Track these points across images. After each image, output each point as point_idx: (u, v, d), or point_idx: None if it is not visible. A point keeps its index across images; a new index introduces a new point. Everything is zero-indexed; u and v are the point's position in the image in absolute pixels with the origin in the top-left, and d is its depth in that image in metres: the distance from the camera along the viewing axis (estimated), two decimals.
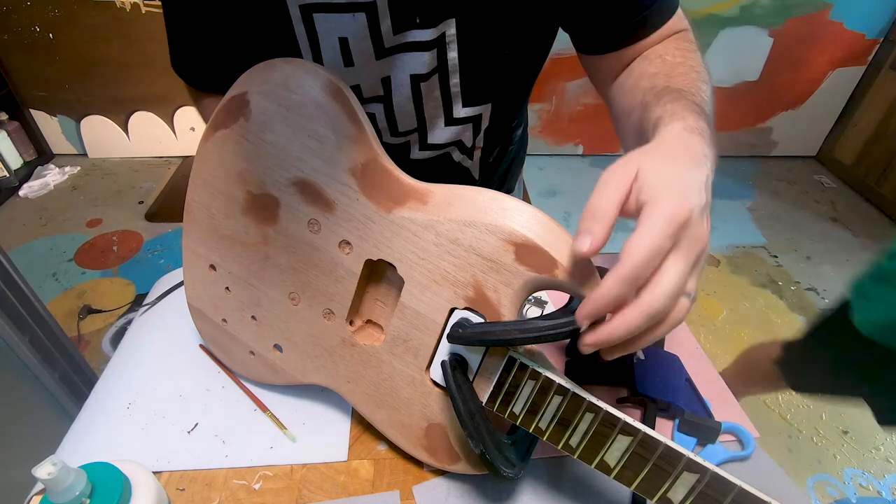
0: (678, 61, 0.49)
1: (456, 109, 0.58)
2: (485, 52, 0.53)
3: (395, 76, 0.53)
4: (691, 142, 0.36)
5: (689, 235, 0.32)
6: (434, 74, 0.54)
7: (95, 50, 2.22)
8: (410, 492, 0.47)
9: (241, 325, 0.53)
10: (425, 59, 0.52)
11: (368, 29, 0.48)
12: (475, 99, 0.58)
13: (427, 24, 0.49)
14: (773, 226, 2.19)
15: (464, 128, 0.60)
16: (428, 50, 0.51)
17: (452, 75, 0.54)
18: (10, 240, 1.98)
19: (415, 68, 0.52)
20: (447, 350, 0.42)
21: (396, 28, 0.49)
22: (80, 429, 0.53)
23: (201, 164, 0.50)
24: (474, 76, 0.55)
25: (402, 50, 0.51)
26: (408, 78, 0.53)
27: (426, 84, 0.54)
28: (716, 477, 0.35)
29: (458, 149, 0.63)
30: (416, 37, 0.50)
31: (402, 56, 0.51)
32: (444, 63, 0.53)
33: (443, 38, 0.51)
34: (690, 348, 0.62)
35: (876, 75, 2.37)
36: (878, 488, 1.25)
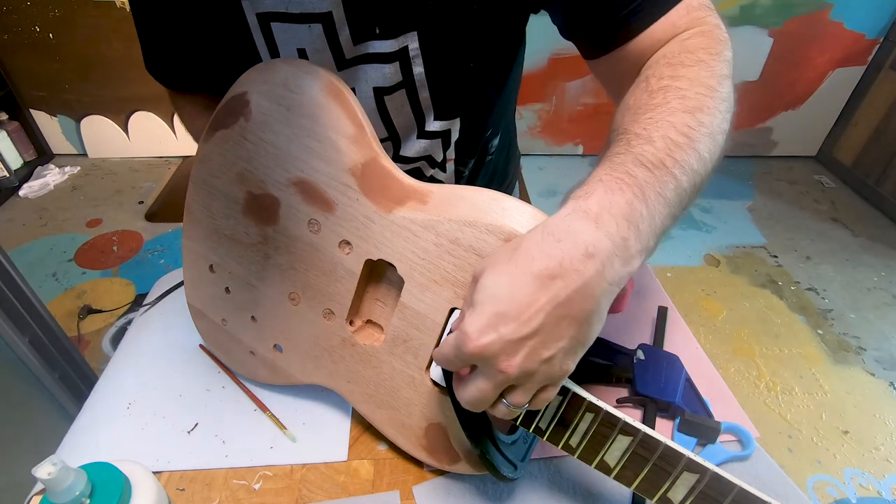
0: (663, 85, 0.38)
1: (428, 122, 0.57)
2: (450, 65, 0.51)
3: (358, 87, 0.52)
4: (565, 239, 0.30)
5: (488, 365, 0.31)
6: (400, 89, 0.53)
7: (95, 50, 2.22)
8: (410, 492, 0.47)
9: (241, 325, 0.53)
10: (387, 72, 0.51)
11: (326, 40, 0.48)
12: (446, 113, 0.56)
13: (387, 34, 0.48)
14: (773, 226, 2.19)
15: (433, 143, 0.59)
16: (389, 62, 0.50)
17: (421, 90, 0.53)
18: (10, 240, 1.98)
19: (377, 81, 0.52)
20: None
21: (356, 38, 0.48)
22: (80, 429, 0.53)
23: (201, 164, 0.50)
24: (444, 90, 0.54)
25: (364, 61, 0.50)
26: (371, 90, 0.52)
27: (391, 98, 0.53)
28: (716, 477, 0.35)
29: (427, 163, 0.62)
30: (376, 48, 0.49)
31: (363, 67, 0.51)
32: (411, 77, 0.52)
33: (406, 52, 0.50)
34: (690, 348, 0.62)
35: (876, 75, 2.37)
36: (878, 488, 1.25)
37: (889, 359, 1.60)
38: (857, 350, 1.63)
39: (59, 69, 2.27)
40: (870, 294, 1.85)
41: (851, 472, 1.28)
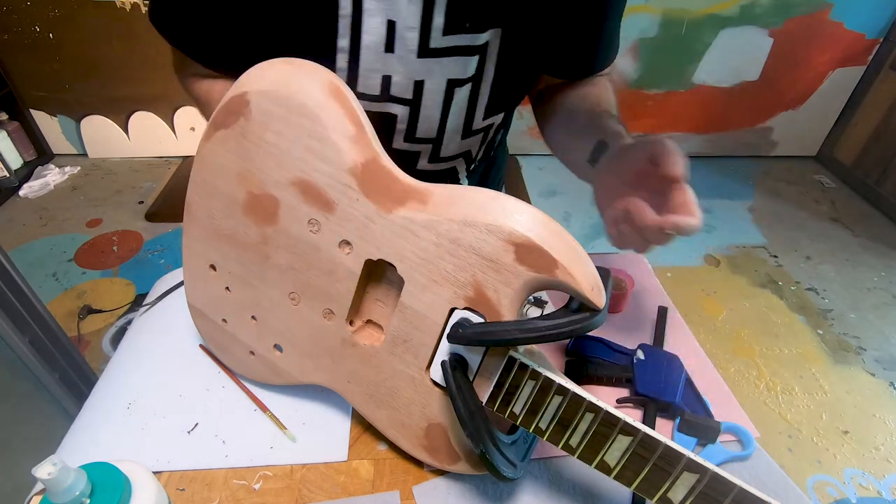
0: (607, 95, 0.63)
1: (476, 120, 0.59)
2: (518, 64, 0.56)
3: (429, 80, 0.53)
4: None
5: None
6: (469, 83, 0.54)
7: (95, 50, 2.22)
8: (410, 492, 0.47)
9: (241, 325, 0.53)
10: (467, 65, 0.52)
11: (421, 19, 0.47)
12: (495, 109, 0.59)
13: (476, 28, 0.50)
14: (773, 226, 2.19)
15: (476, 139, 0.62)
16: (472, 55, 0.52)
17: (484, 86, 0.56)
18: (10, 240, 1.98)
19: (454, 73, 0.53)
20: (447, 350, 0.42)
21: (448, 29, 0.49)
22: (80, 429, 0.53)
23: (201, 163, 0.50)
24: (503, 87, 0.57)
25: (448, 54, 0.51)
26: (444, 82, 0.53)
27: (460, 90, 0.55)
28: (716, 477, 0.35)
29: (464, 160, 0.65)
30: (464, 41, 0.51)
31: (443, 60, 0.51)
32: (481, 73, 0.54)
33: (485, 47, 0.52)
34: (690, 348, 0.62)
35: (876, 75, 2.37)
36: (878, 488, 1.25)
37: (889, 359, 1.60)
38: (857, 350, 1.63)
39: (59, 69, 2.27)
40: (870, 294, 1.85)
41: (851, 472, 1.28)
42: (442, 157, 0.62)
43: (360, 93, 0.52)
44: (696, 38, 2.29)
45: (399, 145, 0.59)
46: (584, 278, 0.37)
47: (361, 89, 0.52)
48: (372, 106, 0.54)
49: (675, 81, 2.41)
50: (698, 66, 2.38)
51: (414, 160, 0.61)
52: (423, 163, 0.62)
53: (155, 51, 2.21)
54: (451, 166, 0.64)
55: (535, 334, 0.37)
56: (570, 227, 2.07)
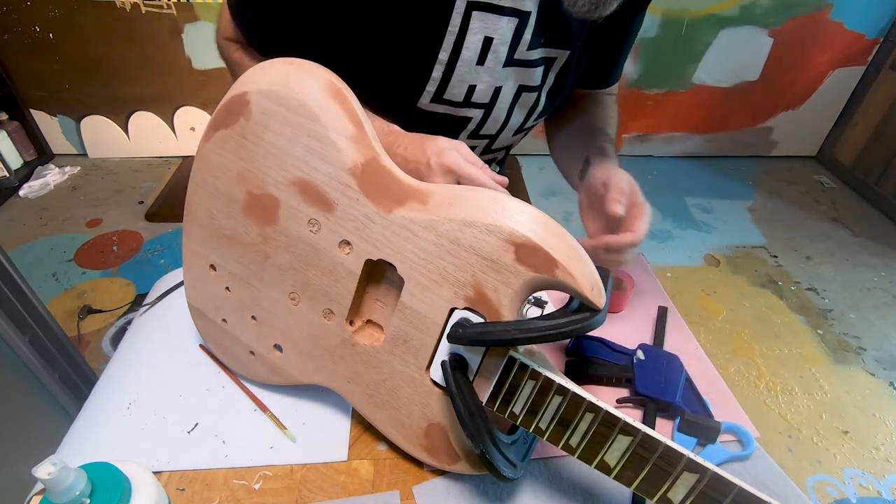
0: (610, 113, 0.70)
1: (529, 121, 0.64)
2: (570, 80, 0.62)
3: (506, 86, 0.57)
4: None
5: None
6: (536, 90, 0.60)
7: (95, 50, 2.22)
8: (410, 492, 0.47)
9: (241, 325, 0.53)
10: (536, 75, 0.58)
11: (513, 34, 0.53)
12: (542, 113, 0.65)
13: (553, 45, 0.56)
14: (773, 226, 2.19)
15: (520, 136, 0.68)
16: (540, 66, 0.58)
17: (543, 95, 0.62)
18: (10, 240, 1.98)
19: (525, 80, 0.58)
20: (447, 350, 0.42)
21: (533, 43, 0.54)
22: (80, 429, 0.53)
23: (201, 163, 0.50)
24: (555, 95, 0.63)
25: (527, 65, 0.56)
26: (516, 87, 0.58)
27: (528, 95, 0.60)
28: (716, 477, 0.35)
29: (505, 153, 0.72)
30: (541, 54, 0.57)
31: (519, 69, 0.56)
32: (544, 82, 0.60)
33: (552, 62, 0.59)
34: (690, 348, 0.62)
35: (876, 75, 2.37)
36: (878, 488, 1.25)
37: (889, 359, 1.60)
38: (857, 350, 1.63)
39: (59, 69, 2.27)
40: (870, 294, 1.85)
41: (851, 472, 1.28)
42: (493, 149, 0.67)
43: (446, 99, 0.56)
44: (696, 38, 2.29)
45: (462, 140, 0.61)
46: (584, 278, 0.37)
47: (447, 97, 0.56)
48: (451, 111, 0.58)
49: (675, 81, 2.41)
50: (698, 66, 2.38)
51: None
52: (477, 154, 0.65)
53: (155, 51, 2.21)
54: (493, 158, 0.70)
55: (535, 334, 0.37)
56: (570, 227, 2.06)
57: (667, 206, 2.27)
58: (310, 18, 0.53)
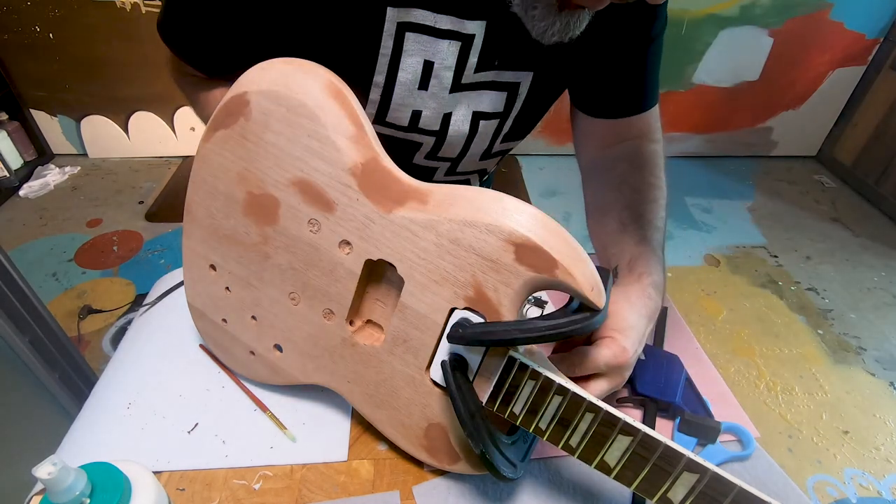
0: (650, 182, 0.58)
1: (495, 147, 0.61)
2: (545, 102, 0.59)
3: (456, 112, 0.54)
4: (651, 297, 0.48)
5: (619, 373, 0.45)
6: (496, 118, 0.56)
7: (95, 50, 2.22)
8: (410, 492, 0.47)
9: (241, 325, 0.53)
10: (496, 100, 0.54)
11: (457, 59, 0.50)
12: (515, 136, 0.61)
13: (507, 67, 0.52)
14: (773, 226, 2.19)
15: (493, 160, 0.64)
16: (501, 90, 0.54)
17: (509, 121, 0.58)
18: (10, 240, 1.98)
19: (481, 106, 0.55)
20: (447, 350, 0.42)
21: (479, 67, 0.51)
22: (80, 429, 0.53)
23: (201, 163, 0.50)
24: (526, 120, 0.59)
25: (476, 88, 0.53)
26: (470, 114, 0.55)
27: (486, 123, 0.56)
28: (716, 477, 0.35)
29: (479, 175, 0.67)
30: (494, 77, 0.53)
31: (471, 94, 0.53)
32: (510, 109, 0.56)
33: (517, 87, 0.54)
34: (690, 348, 0.62)
35: (876, 75, 2.37)
36: (878, 488, 1.25)
37: (889, 359, 1.60)
38: (857, 350, 1.63)
39: (59, 69, 2.27)
40: (870, 294, 1.85)
41: (851, 472, 1.28)
42: (458, 171, 0.63)
43: (389, 123, 0.54)
44: (696, 38, 2.29)
45: (419, 162, 0.60)
46: (584, 278, 0.37)
47: (390, 120, 0.54)
48: (398, 134, 0.55)
49: (675, 81, 2.41)
50: (698, 66, 2.38)
51: (431, 174, 0.63)
52: (440, 175, 0.63)
53: (155, 51, 2.20)
54: (465, 178, 0.67)
55: (535, 334, 0.37)
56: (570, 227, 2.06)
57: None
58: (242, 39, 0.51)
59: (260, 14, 0.49)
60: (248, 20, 0.49)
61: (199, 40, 0.53)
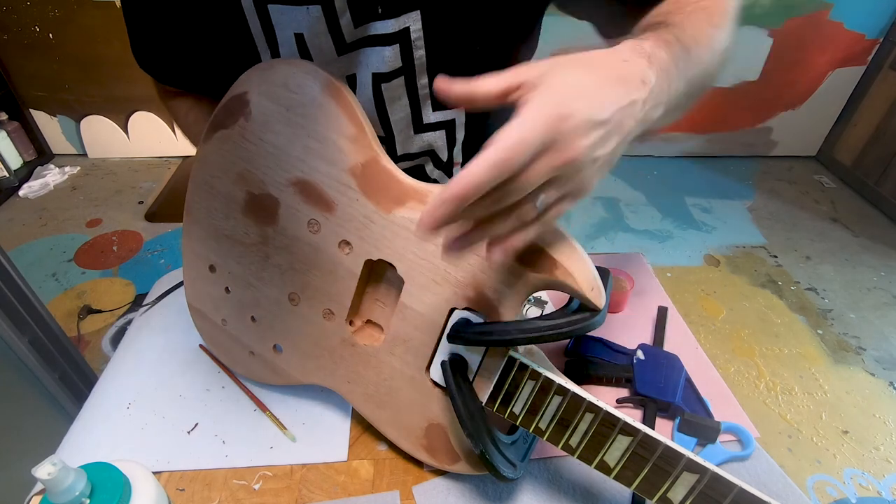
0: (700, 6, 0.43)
1: (426, 114, 0.54)
2: (453, 48, 0.49)
3: (359, 73, 0.49)
4: (630, 61, 0.32)
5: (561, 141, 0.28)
6: (399, 76, 0.50)
7: (95, 50, 2.22)
8: (410, 492, 0.47)
9: (241, 326, 0.53)
10: (387, 55, 0.48)
11: (326, 23, 0.45)
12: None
13: (389, 13, 0.46)
14: (773, 226, 2.19)
15: (436, 135, 0.56)
16: (390, 44, 0.47)
17: (420, 75, 0.51)
18: (10, 240, 1.98)
19: (377, 66, 0.49)
20: (447, 350, 0.42)
21: (357, 20, 0.46)
22: (80, 429, 0.53)
23: (201, 164, 0.50)
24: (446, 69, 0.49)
25: (365, 44, 0.47)
26: (369, 77, 0.49)
27: (388, 86, 0.50)
28: (716, 477, 0.35)
29: (431, 160, 0.59)
30: (378, 29, 0.47)
31: (364, 51, 0.48)
32: (411, 62, 0.49)
33: (407, 33, 0.47)
34: (690, 348, 0.62)
35: (876, 75, 2.37)
36: (878, 488, 1.25)
37: (889, 359, 1.60)
38: (857, 350, 1.63)
39: (59, 69, 2.27)
40: (870, 294, 1.85)
41: (851, 472, 1.28)
42: (400, 154, 0.57)
43: None
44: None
45: None
46: (584, 278, 0.37)
47: None
48: None
49: None
50: None
51: None
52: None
53: None
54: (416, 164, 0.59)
55: (535, 334, 0.37)
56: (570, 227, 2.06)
57: (667, 206, 2.27)
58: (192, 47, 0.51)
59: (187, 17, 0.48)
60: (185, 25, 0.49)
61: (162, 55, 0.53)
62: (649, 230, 2.13)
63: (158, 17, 0.50)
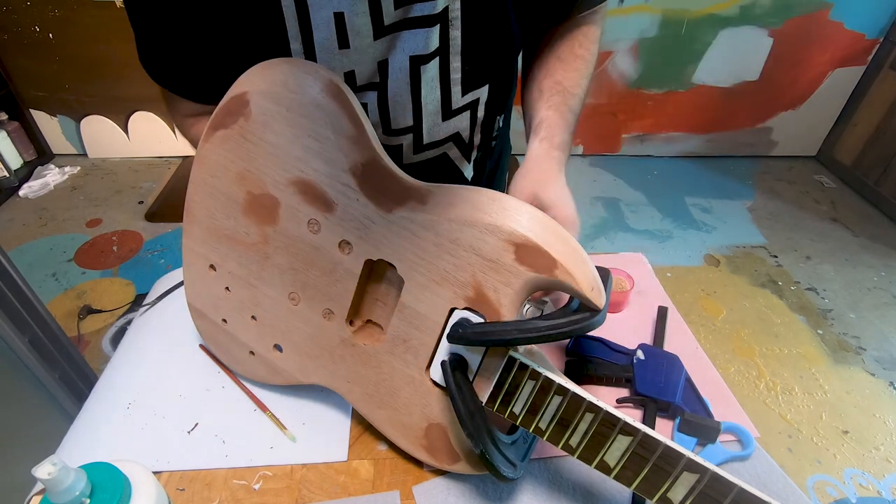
0: (577, 53, 0.58)
1: (455, 98, 0.55)
2: (488, 27, 0.51)
3: (392, 58, 0.49)
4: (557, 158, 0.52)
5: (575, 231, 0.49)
6: (435, 57, 0.50)
7: (95, 50, 2.22)
8: (410, 492, 0.47)
9: (241, 325, 0.53)
10: (428, 37, 0.48)
11: (368, 2, 0.45)
12: (474, 82, 0.54)
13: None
14: (773, 226, 2.19)
15: (462, 118, 0.57)
16: (431, 25, 0.48)
17: (454, 58, 0.51)
18: (10, 240, 1.98)
19: (416, 48, 0.49)
20: (447, 350, 0.42)
21: (398, 1, 0.45)
22: (80, 429, 0.53)
23: (201, 164, 0.50)
24: (476, 56, 0.52)
25: (404, 27, 0.47)
26: (407, 60, 0.49)
27: (426, 67, 0.50)
28: (716, 477, 0.35)
29: (455, 145, 0.60)
30: (419, 11, 0.46)
31: (402, 34, 0.47)
32: (447, 43, 0.50)
33: (446, 13, 0.48)
34: (690, 348, 0.62)
35: (876, 75, 2.37)
36: (878, 488, 1.25)
37: (889, 359, 1.60)
38: (857, 350, 1.63)
39: (59, 69, 2.27)
40: (870, 294, 1.85)
41: (851, 471, 1.28)
42: (427, 143, 0.57)
43: None
44: (696, 38, 2.29)
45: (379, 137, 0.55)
46: (584, 278, 0.37)
47: None
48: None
49: (675, 81, 2.41)
50: (698, 66, 2.38)
51: (398, 155, 0.57)
52: (409, 155, 0.58)
53: None
54: (440, 153, 0.60)
55: (535, 334, 0.37)
56: None
57: (667, 206, 2.27)
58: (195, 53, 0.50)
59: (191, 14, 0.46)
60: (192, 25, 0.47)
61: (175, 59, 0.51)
62: (649, 230, 2.13)
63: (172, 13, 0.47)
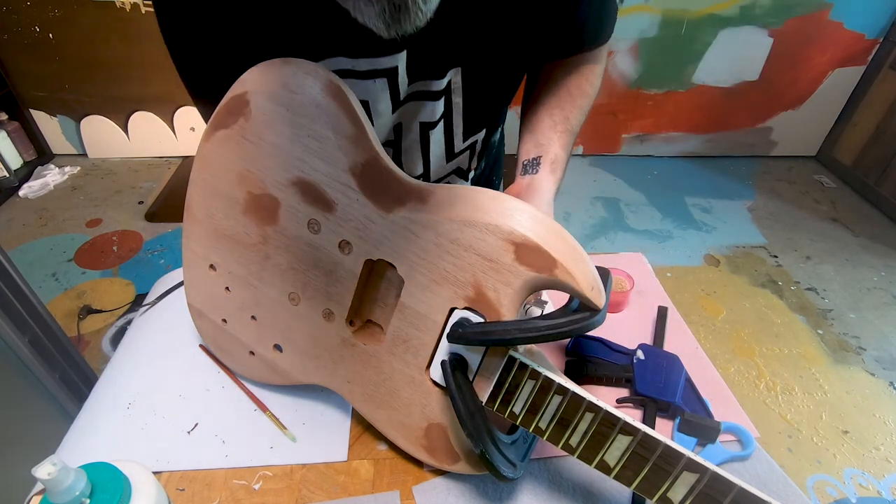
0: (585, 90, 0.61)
1: (457, 145, 0.61)
2: (487, 90, 0.57)
3: (406, 123, 0.56)
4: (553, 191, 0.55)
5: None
6: (440, 121, 0.57)
7: (95, 50, 2.22)
8: (410, 492, 0.47)
9: (241, 325, 0.53)
10: (434, 108, 0.55)
11: (389, 90, 0.51)
12: (473, 130, 0.61)
13: (437, 75, 0.52)
14: (773, 226, 2.19)
15: (463, 157, 0.64)
16: (437, 99, 0.54)
17: (456, 118, 0.58)
18: (10, 240, 1.98)
19: (424, 117, 0.55)
20: (447, 350, 0.42)
21: (412, 80, 0.51)
22: (80, 429, 0.53)
23: (201, 164, 0.50)
24: (475, 113, 0.59)
25: (415, 98, 0.54)
26: (417, 125, 0.56)
27: (434, 132, 0.57)
28: (716, 477, 0.35)
29: (457, 175, 0.67)
30: (427, 87, 0.53)
31: (413, 104, 0.54)
32: (450, 107, 0.57)
33: (449, 86, 0.54)
34: (690, 348, 0.62)
35: (876, 75, 2.37)
36: (878, 488, 1.25)
37: (889, 359, 1.60)
38: (857, 350, 1.63)
39: (59, 69, 2.27)
40: (870, 294, 1.85)
41: (851, 471, 1.28)
42: (433, 180, 0.65)
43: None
44: (696, 38, 2.29)
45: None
46: (584, 278, 0.37)
47: None
48: None
49: (674, 81, 2.41)
50: (698, 66, 2.38)
51: None
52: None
53: (155, 51, 2.21)
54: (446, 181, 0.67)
55: (535, 334, 0.37)
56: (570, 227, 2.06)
57: (667, 206, 2.27)
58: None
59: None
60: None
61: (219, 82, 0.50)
62: (649, 230, 2.13)
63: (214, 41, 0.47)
